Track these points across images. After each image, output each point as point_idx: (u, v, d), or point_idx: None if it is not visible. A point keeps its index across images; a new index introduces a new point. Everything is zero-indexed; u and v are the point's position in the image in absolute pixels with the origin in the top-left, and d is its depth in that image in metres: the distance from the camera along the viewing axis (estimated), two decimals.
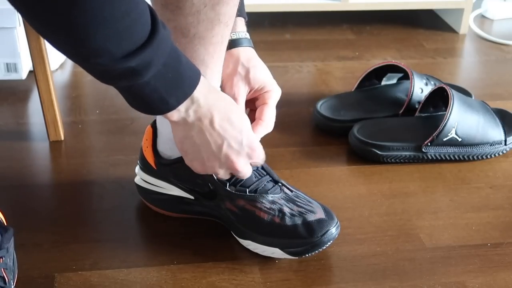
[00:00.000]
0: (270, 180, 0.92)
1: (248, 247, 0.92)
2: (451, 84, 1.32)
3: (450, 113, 1.12)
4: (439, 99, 1.19)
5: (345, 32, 1.71)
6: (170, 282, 0.88)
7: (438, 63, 1.56)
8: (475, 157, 1.15)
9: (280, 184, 0.93)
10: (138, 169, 1.00)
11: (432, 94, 1.19)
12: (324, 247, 0.89)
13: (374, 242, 0.96)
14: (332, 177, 1.11)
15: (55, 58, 1.40)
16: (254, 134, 0.85)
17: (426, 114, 1.20)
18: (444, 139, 1.13)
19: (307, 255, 0.90)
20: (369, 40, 1.67)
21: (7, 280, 0.79)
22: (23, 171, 1.10)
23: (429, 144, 1.13)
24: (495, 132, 1.16)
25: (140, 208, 1.02)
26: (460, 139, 1.13)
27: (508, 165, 1.16)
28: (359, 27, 1.74)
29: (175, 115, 0.76)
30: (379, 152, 1.13)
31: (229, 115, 0.79)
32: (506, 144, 1.16)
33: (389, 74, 1.30)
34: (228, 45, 0.88)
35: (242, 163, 0.83)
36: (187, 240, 0.95)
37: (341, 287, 0.88)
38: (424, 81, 1.24)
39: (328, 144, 1.20)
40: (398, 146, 1.14)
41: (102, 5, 0.59)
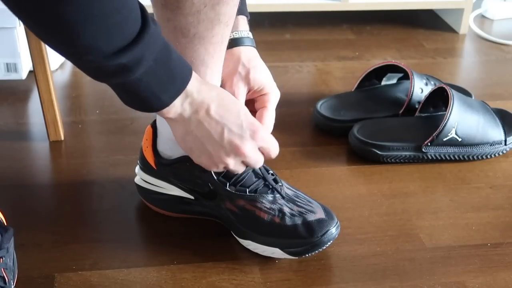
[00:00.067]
0: (271, 179, 0.92)
1: (248, 247, 0.92)
2: (451, 84, 1.32)
3: (450, 113, 1.12)
4: (439, 99, 1.19)
5: (345, 32, 1.71)
6: (170, 282, 0.88)
7: (438, 63, 1.56)
8: (475, 157, 1.15)
9: (274, 188, 0.91)
10: (138, 169, 1.00)
11: (432, 94, 1.19)
12: (324, 247, 0.89)
13: (374, 242, 0.96)
14: (332, 177, 1.11)
15: (55, 58, 1.40)
16: (252, 117, 0.83)
17: (426, 114, 1.20)
18: (444, 139, 1.13)
19: (307, 255, 0.90)
20: (369, 40, 1.67)
21: (7, 280, 0.79)
22: (23, 171, 1.10)
23: (429, 144, 1.13)
24: (495, 132, 1.16)
25: (140, 208, 1.02)
26: (460, 139, 1.13)
27: (508, 165, 1.16)
28: (359, 27, 1.74)
29: (172, 111, 0.75)
30: (379, 152, 1.13)
31: (223, 102, 0.79)
32: (506, 144, 1.16)
33: (389, 74, 1.30)
34: (229, 43, 0.87)
35: (248, 146, 0.81)
36: (187, 240, 0.95)
37: (341, 287, 0.88)
38: (424, 81, 1.24)
39: (328, 144, 1.20)
40: (398, 146, 1.14)
41: (91, 2, 0.59)
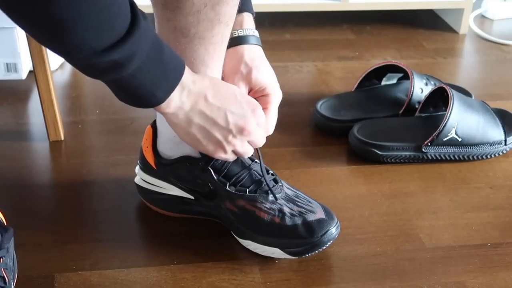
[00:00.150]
0: (271, 179, 0.93)
1: (248, 247, 0.92)
2: (451, 84, 1.32)
3: (450, 113, 1.12)
4: (439, 99, 1.19)
5: (345, 32, 1.71)
6: (170, 282, 0.88)
7: (438, 63, 1.56)
8: (475, 157, 1.15)
9: (268, 190, 0.91)
10: (138, 169, 1.00)
11: (432, 94, 1.19)
12: (324, 247, 0.89)
13: (374, 242, 0.96)
14: (332, 177, 1.11)
15: (55, 58, 1.39)
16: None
17: (426, 114, 1.20)
18: (444, 139, 1.13)
19: (307, 255, 0.90)
20: (369, 40, 1.67)
21: (7, 280, 0.79)
22: (23, 171, 1.10)
23: (429, 144, 1.13)
24: (495, 132, 1.16)
25: (140, 208, 1.02)
26: (460, 139, 1.13)
27: (508, 165, 1.16)
28: (359, 27, 1.74)
29: (172, 105, 0.75)
30: (379, 152, 1.13)
31: (218, 88, 0.79)
32: (506, 144, 1.16)
33: (389, 74, 1.30)
34: (233, 41, 0.87)
35: (252, 124, 0.81)
36: (187, 240, 0.95)
37: (341, 287, 0.88)
38: (424, 81, 1.24)
39: (328, 144, 1.20)
40: (398, 146, 1.14)
41: (79, 0, 0.58)
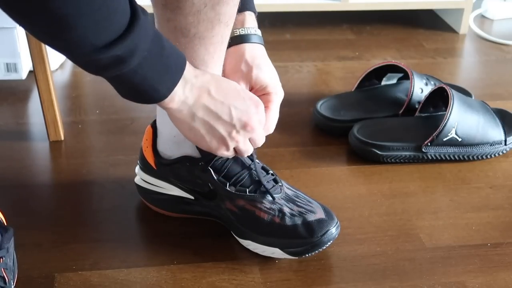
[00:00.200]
0: (271, 179, 0.93)
1: (248, 247, 0.92)
2: (451, 84, 1.32)
3: (450, 113, 1.12)
4: (439, 99, 1.19)
5: (345, 32, 1.71)
6: (170, 282, 0.88)
7: (438, 63, 1.56)
8: (475, 157, 1.15)
9: (268, 192, 0.91)
10: (138, 169, 1.00)
11: (432, 94, 1.19)
12: (324, 247, 0.89)
13: (374, 242, 0.96)
14: (332, 177, 1.11)
15: (55, 58, 1.40)
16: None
17: (426, 114, 1.20)
18: (444, 139, 1.13)
19: (307, 255, 0.90)
20: (369, 40, 1.67)
21: (7, 280, 0.79)
22: (23, 171, 1.10)
23: (429, 144, 1.13)
24: (495, 132, 1.16)
25: (140, 208, 1.02)
26: (460, 139, 1.13)
27: (508, 165, 1.16)
28: (359, 27, 1.74)
29: (175, 99, 0.75)
30: (379, 152, 1.13)
31: (220, 83, 0.79)
32: (506, 144, 1.16)
33: (389, 74, 1.30)
34: (235, 40, 0.87)
35: (255, 119, 0.82)
36: (187, 240, 0.95)
37: (341, 287, 0.88)
38: (424, 81, 1.24)
39: (328, 144, 1.20)
40: (398, 146, 1.14)
41: None
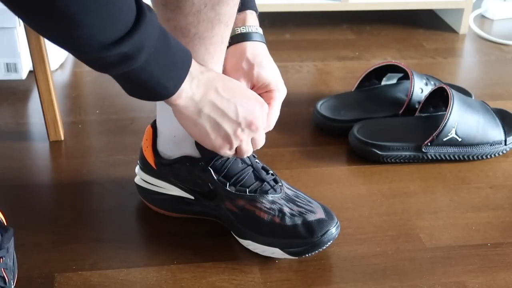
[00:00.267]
0: (271, 179, 0.93)
1: (248, 247, 0.92)
2: (451, 84, 1.32)
3: (450, 113, 1.12)
4: (439, 99, 1.19)
5: (345, 32, 1.71)
6: (170, 282, 0.88)
7: (438, 63, 1.56)
8: (475, 157, 1.15)
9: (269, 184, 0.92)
10: (138, 169, 1.00)
11: (432, 94, 1.19)
12: (324, 247, 0.89)
13: (374, 242, 0.96)
14: (332, 177, 1.11)
15: (55, 58, 1.40)
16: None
17: (426, 114, 1.20)
18: (444, 139, 1.13)
19: (307, 255, 0.90)
20: (369, 40, 1.67)
21: (7, 280, 0.79)
22: (23, 171, 1.10)
23: (429, 144, 1.13)
24: (495, 132, 1.16)
25: (140, 208, 1.02)
26: (460, 139, 1.13)
27: (508, 165, 1.16)
28: (359, 27, 1.74)
29: (183, 95, 0.75)
30: (379, 152, 1.13)
31: (226, 81, 0.80)
32: (506, 144, 1.16)
33: (389, 74, 1.30)
34: (236, 38, 0.87)
35: (260, 118, 0.82)
36: (187, 240, 0.95)
37: (341, 287, 0.88)
38: (424, 81, 1.24)
39: (328, 144, 1.20)
40: (398, 146, 1.14)
41: None
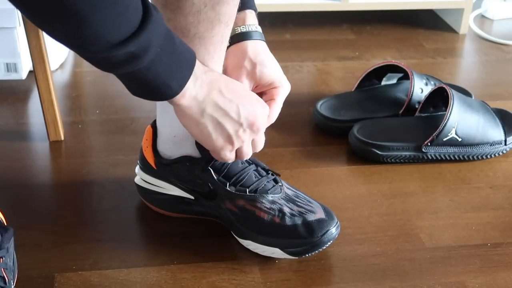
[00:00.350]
0: (271, 179, 0.93)
1: (248, 247, 0.92)
2: (451, 84, 1.32)
3: (450, 113, 1.12)
4: (439, 99, 1.19)
5: (345, 32, 1.71)
6: (170, 282, 0.88)
7: (438, 63, 1.56)
8: (475, 157, 1.15)
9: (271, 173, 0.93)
10: (138, 169, 1.00)
11: (432, 94, 1.19)
12: (324, 247, 0.89)
13: (374, 242, 0.96)
14: (332, 177, 1.11)
15: (55, 58, 1.40)
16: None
17: (426, 114, 1.20)
18: (444, 139, 1.13)
19: (307, 255, 0.90)
20: (369, 40, 1.67)
21: (7, 280, 0.79)
22: (23, 171, 1.10)
23: (429, 144, 1.13)
24: (495, 132, 1.16)
25: (140, 208, 1.02)
26: (460, 139, 1.13)
27: (508, 165, 1.16)
28: (359, 27, 1.74)
29: (186, 95, 0.75)
30: (379, 152, 1.13)
31: (228, 82, 0.80)
32: (506, 144, 1.16)
33: (389, 74, 1.30)
34: (236, 37, 0.87)
35: (261, 119, 0.82)
36: (187, 240, 0.95)
37: (341, 287, 0.88)
38: (424, 81, 1.24)
39: (328, 144, 1.20)
40: (398, 146, 1.14)
41: None
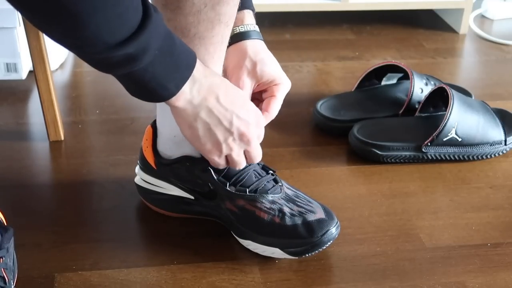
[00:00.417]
0: (271, 179, 0.93)
1: (248, 247, 0.92)
2: (451, 84, 1.32)
3: (450, 113, 1.12)
4: (439, 99, 1.19)
5: (345, 32, 1.71)
6: (170, 282, 0.88)
7: (438, 63, 1.56)
8: (475, 157, 1.15)
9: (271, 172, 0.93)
10: (138, 169, 1.00)
11: (432, 94, 1.19)
12: (324, 247, 0.89)
13: (374, 242, 0.96)
14: (332, 177, 1.11)
15: (55, 58, 1.40)
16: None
17: (426, 114, 1.20)
18: (444, 139, 1.13)
19: (307, 255, 0.90)
20: (369, 40, 1.67)
21: (7, 280, 0.79)
22: (23, 171, 1.10)
23: (429, 144, 1.13)
24: (495, 132, 1.16)
25: (140, 208, 1.02)
26: (460, 139, 1.13)
27: (508, 165, 1.16)
28: (359, 27, 1.74)
29: (181, 98, 0.75)
30: (379, 152, 1.13)
31: (228, 89, 0.80)
32: (506, 144, 1.16)
33: (389, 74, 1.30)
34: (235, 37, 0.87)
35: (253, 133, 0.83)
36: (187, 240, 0.95)
37: (341, 287, 0.88)
38: (424, 81, 1.24)
39: (328, 144, 1.20)
40: (398, 146, 1.14)
41: None
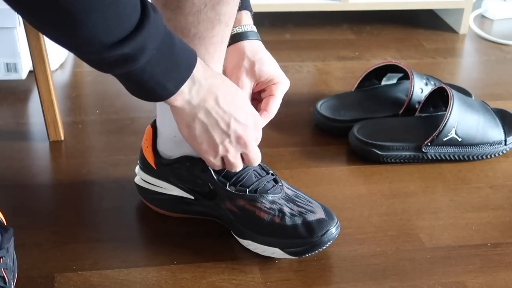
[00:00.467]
0: (271, 179, 0.93)
1: (248, 247, 0.92)
2: (451, 84, 1.32)
3: (450, 113, 1.12)
4: (439, 99, 1.19)
5: (345, 32, 1.71)
6: (170, 282, 0.88)
7: (438, 63, 1.56)
8: (475, 157, 1.15)
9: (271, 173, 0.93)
10: (138, 169, 1.00)
11: (432, 94, 1.19)
12: (324, 247, 0.89)
13: (374, 242, 0.96)
14: (332, 177, 1.11)
15: (55, 58, 1.40)
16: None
17: (426, 114, 1.20)
18: (444, 139, 1.13)
19: (307, 255, 0.90)
20: (369, 40, 1.67)
21: (7, 280, 0.79)
22: (23, 171, 1.10)
23: (429, 144, 1.13)
24: (495, 132, 1.16)
25: (140, 208, 1.02)
26: (460, 139, 1.13)
27: (508, 165, 1.16)
28: (359, 27, 1.74)
29: (179, 98, 0.75)
30: (379, 152, 1.13)
31: (229, 91, 0.80)
32: (506, 144, 1.16)
33: (389, 74, 1.30)
34: (233, 38, 0.87)
35: (251, 136, 0.83)
36: (187, 240, 0.95)
37: (341, 287, 0.88)
38: (424, 81, 1.24)
39: (328, 144, 1.20)
40: (398, 146, 1.14)
41: None
